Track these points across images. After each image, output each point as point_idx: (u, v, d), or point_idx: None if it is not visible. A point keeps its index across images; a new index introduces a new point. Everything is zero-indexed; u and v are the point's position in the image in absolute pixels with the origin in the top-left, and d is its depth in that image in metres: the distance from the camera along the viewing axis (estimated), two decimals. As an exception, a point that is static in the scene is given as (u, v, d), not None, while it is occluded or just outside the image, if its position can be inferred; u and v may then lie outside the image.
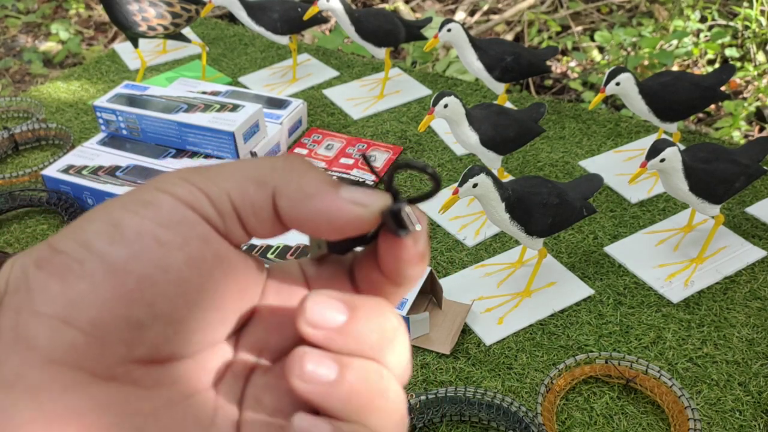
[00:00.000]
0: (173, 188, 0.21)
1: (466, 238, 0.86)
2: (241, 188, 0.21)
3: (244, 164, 0.22)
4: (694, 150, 0.75)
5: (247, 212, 0.21)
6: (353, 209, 0.21)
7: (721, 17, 2.02)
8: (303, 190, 0.21)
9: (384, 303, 0.22)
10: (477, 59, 0.95)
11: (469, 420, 0.65)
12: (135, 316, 0.20)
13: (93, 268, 0.19)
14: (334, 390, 0.20)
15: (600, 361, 0.68)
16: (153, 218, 0.20)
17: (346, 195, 0.21)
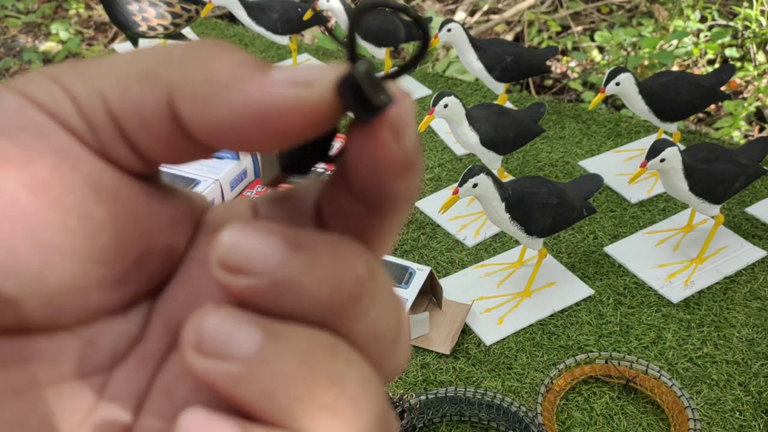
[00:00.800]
0: (26, 85, 0.14)
1: (466, 238, 0.86)
2: (121, 87, 0.14)
3: (132, 55, 0.15)
4: (694, 150, 0.75)
5: (132, 122, 0.14)
6: (291, 93, 0.14)
7: (721, 17, 2.02)
8: (214, 81, 0.14)
9: (347, 242, 0.14)
10: (477, 59, 0.95)
11: (469, 420, 0.65)
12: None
13: None
14: (253, 372, 0.13)
15: (600, 361, 0.68)
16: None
17: (281, 75, 0.14)
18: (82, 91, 0.14)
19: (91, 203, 0.14)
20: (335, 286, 0.14)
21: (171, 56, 0.14)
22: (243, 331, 0.13)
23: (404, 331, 0.15)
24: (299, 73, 0.14)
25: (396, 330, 0.15)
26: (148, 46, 0.15)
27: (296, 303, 0.13)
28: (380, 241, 0.16)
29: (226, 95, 0.14)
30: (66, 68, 0.15)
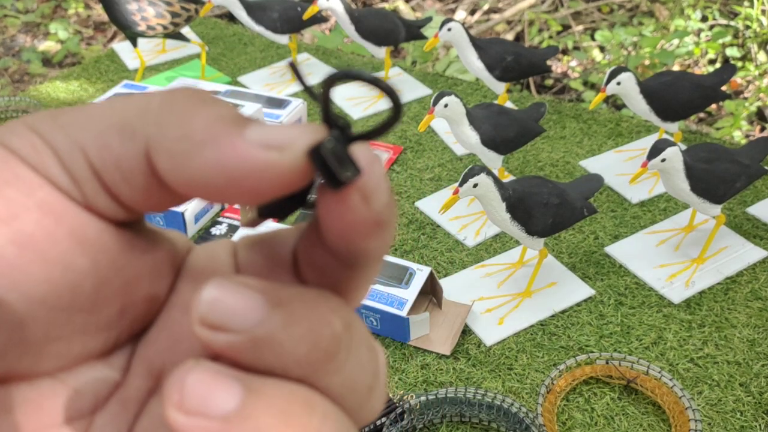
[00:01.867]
0: (10, 138, 0.14)
1: (466, 239, 0.85)
2: (101, 141, 0.15)
3: (110, 105, 0.15)
4: (695, 150, 0.75)
5: (113, 175, 0.15)
6: (264, 156, 0.14)
7: (722, 17, 2.02)
8: (189, 138, 0.14)
9: (325, 298, 0.15)
10: (477, 59, 0.95)
11: (469, 421, 0.65)
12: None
13: None
14: (233, 430, 0.13)
15: (601, 362, 0.67)
16: None
17: (254, 135, 0.14)
18: (63, 145, 0.15)
19: (75, 255, 0.14)
20: (313, 344, 0.14)
21: (149, 108, 0.15)
22: (223, 389, 0.13)
23: (380, 379, 0.16)
24: (273, 134, 0.14)
25: (372, 379, 0.15)
26: (126, 95, 0.16)
27: (275, 359, 0.14)
28: (354, 292, 0.16)
29: (200, 154, 0.14)
30: (47, 120, 0.15)
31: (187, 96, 0.15)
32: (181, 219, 0.85)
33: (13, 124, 0.15)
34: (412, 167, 0.99)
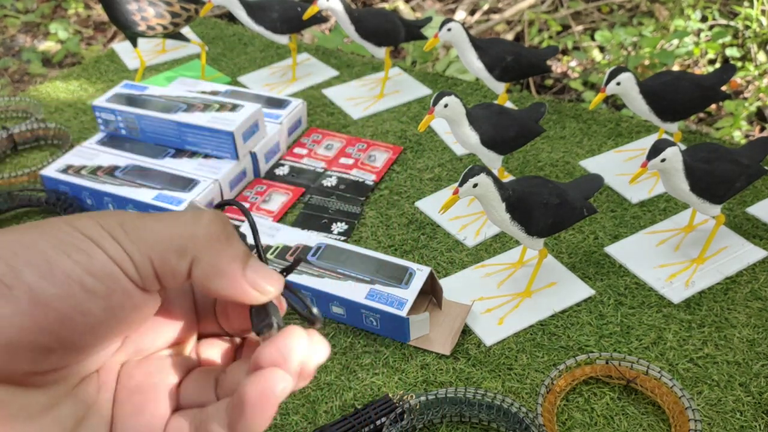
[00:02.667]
0: (104, 243, 0.24)
1: (466, 239, 0.85)
2: (163, 257, 0.25)
3: (169, 228, 0.25)
4: (695, 150, 0.75)
5: (167, 277, 0.25)
6: (252, 295, 0.26)
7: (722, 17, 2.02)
8: (217, 267, 0.25)
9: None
10: (477, 59, 0.95)
11: (469, 421, 0.65)
12: (46, 344, 0.23)
13: (20, 295, 0.22)
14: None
15: (600, 362, 0.67)
16: (84, 266, 0.23)
17: (250, 276, 0.26)
18: (138, 258, 0.24)
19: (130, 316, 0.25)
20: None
21: (196, 237, 0.25)
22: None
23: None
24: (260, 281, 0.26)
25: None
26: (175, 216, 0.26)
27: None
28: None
29: (220, 280, 0.25)
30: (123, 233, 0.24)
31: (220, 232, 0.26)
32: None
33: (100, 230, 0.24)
34: (412, 167, 0.99)
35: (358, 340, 0.74)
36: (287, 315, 0.27)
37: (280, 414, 0.67)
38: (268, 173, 0.99)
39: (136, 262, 0.24)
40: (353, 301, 0.72)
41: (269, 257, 0.77)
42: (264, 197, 0.93)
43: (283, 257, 0.77)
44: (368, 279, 0.74)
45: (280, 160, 1.01)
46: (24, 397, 0.23)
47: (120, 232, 0.24)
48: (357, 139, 1.04)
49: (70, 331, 0.23)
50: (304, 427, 0.65)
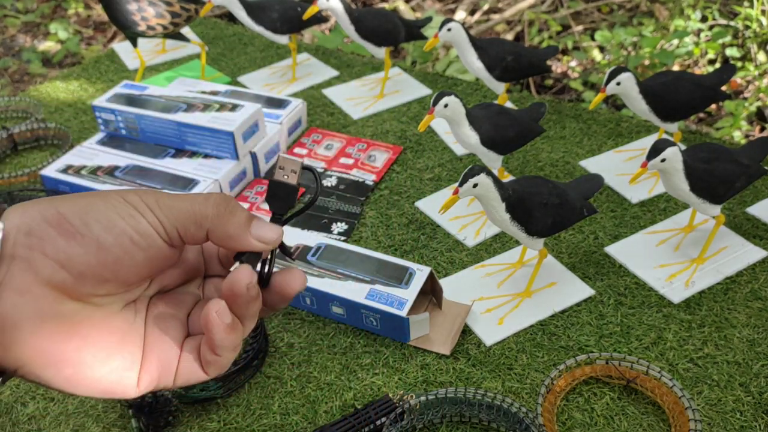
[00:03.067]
0: (146, 213, 0.34)
1: (466, 239, 0.85)
2: (185, 227, 0.35)
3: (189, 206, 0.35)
4: (695, 150, 0.75)
5: (188, 240, 0.36)
6: (259, 246, 0.36)
7: (722, 17, 2.02)
8: (226, 233, 0.35)
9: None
10: (477, 59, 0.95)
11: (469, 421, 0.65)
12: (104, 276, 0.33)
13: (89, 242, 0.33)
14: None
15: (600, 362, 0.67)
16: (133, 226, 0.34)
17: (254, 234, 0.36)
18: (168, 225, 0.35)
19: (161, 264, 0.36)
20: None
21: (207, 214, 0.35)
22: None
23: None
24: (263, 232, 0.36)
25: None
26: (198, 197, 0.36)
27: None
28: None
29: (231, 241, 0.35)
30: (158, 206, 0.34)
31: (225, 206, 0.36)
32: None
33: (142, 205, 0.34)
34: (412, 167, 0.99)
35: (358, 340, 0.74)
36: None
37: (280, 414, 0.67)
38: (268, 173, 0.99)
39: (167, 228, 0.34)
40: (353, 301, 0.72)
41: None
42: (264, 197, 0.93)
43: (283, 257, 0.77)
44: (368, 279, 0.74)
45: (280, 160, 1.01)
46: (88, 310, 0.34)
47: (156, 206, 0.34)
48: (357, 139, 1.04)
49: (120, 269, 0.33)
50: (304, 427, 0.65)
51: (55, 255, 0.32)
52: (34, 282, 0.31)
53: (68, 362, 0.33)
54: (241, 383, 0.69)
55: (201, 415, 0.67)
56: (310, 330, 0.75)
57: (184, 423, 0.67)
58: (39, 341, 0.32)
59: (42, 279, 0.32)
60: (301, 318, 0.76)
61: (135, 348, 0.35)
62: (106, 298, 0.34)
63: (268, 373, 0.71)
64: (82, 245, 0.32)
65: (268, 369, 0.71)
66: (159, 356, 0.36)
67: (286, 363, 0.72)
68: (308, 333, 0.75)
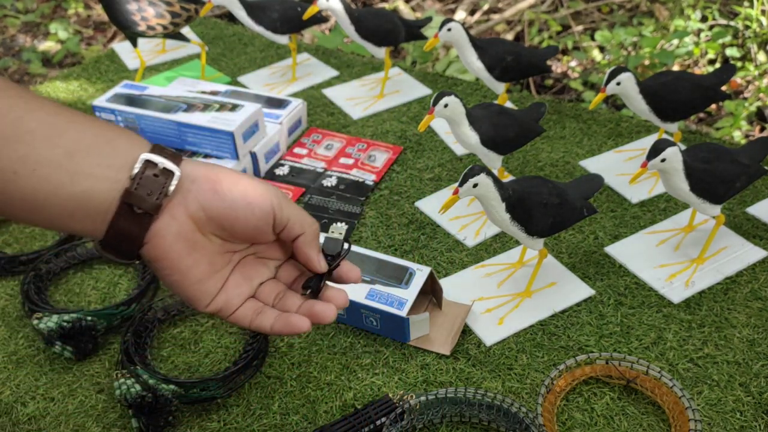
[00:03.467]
0: (273, 199, 0.47)
1: (466, 239, 0.85)
2: (292, 223, 0.48)
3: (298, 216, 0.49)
4: (695, 150, 0.75)
5: (283, 234, 0.49)
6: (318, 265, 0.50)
7: (722, 17, 2.02)
8: (309, 243, 0.50)
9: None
10: (477, 59, 0.95)
11: (469, 421, 0.65)
12: (224, 225, 0.46)
13: (227, 202, 0.46)
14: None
15: (600, 362, 0.67)
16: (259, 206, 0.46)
17: (320, 256, 0.50)
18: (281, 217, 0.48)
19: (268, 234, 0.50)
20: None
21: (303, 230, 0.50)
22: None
23: None
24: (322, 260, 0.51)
25: None
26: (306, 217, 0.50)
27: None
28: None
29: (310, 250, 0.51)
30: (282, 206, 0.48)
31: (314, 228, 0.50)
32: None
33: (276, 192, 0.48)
34: (412, 167, 0.99)
35: (358, 340, 0.74)
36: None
37: (280, 414, 0.67)
38: (268, 173, 0.99)
39: (278, 219, 0.47)
40: (353, 301, 0.72)
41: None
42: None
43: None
44: (368, 279, 0.73)
45: (280, 160, 1.01)
46: (206, 242, 0.47)
47: (283, 200, 0.48)
48: (357, 139, 1.04)
49: (235, 226, 0.46)
50: (304, 427, 0.65)
51: (203, 200, 0.45)
52: (183, 213, 0.45)
53: (180, 272, 0.46)
54: (241, 383, 0.69)
55: (201, 415, 0.67)
56: (310, 330, 0.75)
57: (184, 423, 0.67)
58: (171, 251, 0.45)
59: (188, 212, 0.45)
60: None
61: (219, 281, 0.48)
62: (219, 240, 0.47)
63: (268, 373, 0.71)
64: (222, 201, 0.45)
65: (268, 369, 0.71)
66: (228, 295, 0.48)
67: (286, 363, 0.72)
68: (308, 333, 0.75)
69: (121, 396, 0.64)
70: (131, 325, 0.73)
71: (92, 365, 0.73)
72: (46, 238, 0.90)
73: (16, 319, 0.78)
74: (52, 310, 0.75)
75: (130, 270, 0.84)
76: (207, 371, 0.71)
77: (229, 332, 0.76)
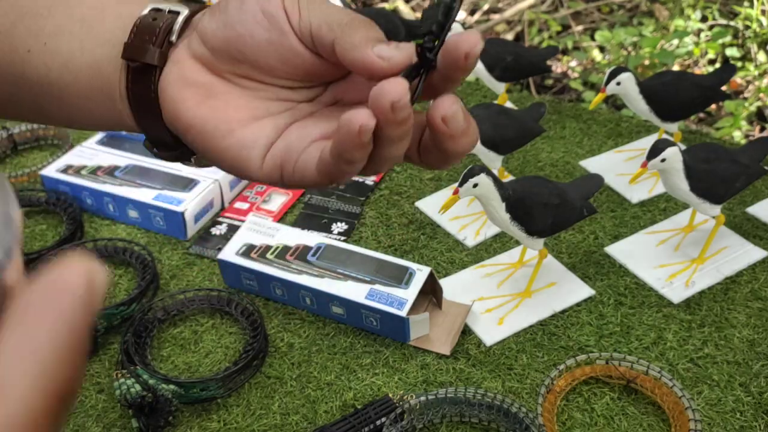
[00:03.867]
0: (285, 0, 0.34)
1: (466, 239, 0.85)
2: (319, 26, 0.33)
3: (331, 9, 0.34)
4: (695, 150, 0.75)
5: (318, 44, 0.34)
6: (378, 62, 0.32)
7: (722, 17, 2.02)
8: (351, 43, 0.32)
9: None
10: (477, 59, 0.94)
11: (469, 421, 0.65)
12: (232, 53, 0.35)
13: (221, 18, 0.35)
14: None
15: (600, 362, 0.67)
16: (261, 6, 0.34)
17: (376, 50, 0.32)
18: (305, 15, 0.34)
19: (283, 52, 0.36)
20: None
21: (341, 23, 0.33)
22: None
23: None
24: (386, 51, 0.32)
25: None
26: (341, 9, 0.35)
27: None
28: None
29: (352, 53, 0.32)
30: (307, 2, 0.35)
31: (359, 22, 0.33)
32: (181, 219, 0.85)
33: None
34: (412, 167, 0.99)
35: (358, 340, 0.74)
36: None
37: (280, 414, 0.67)
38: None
39: (302, 17, 0.34)
40: (353, 301, 0.72)
41: (270, 257, 0.77)
42: (264, 197, 0.93)
43: (283, 257, 0.77)
44: (368, 279, 0.74)
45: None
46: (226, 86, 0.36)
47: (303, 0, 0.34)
48: (357, 139, 1.04)
49: (244, 48, 0.35)
50: (304, 427, 0.65)
51: (201, 31, 0.36)
52: (186, 54, 0.36)
53: (195, 126, 0.36)
54: (241, 383, 0.69)
55: (201, 415, 0.67)
56: (310, 330, 0.75)
57: (184, 423, 0.67)
58: (179, 102, 0.36)
59: (190, 52, 0.36)
60: (301, 318, 0.76)
61: (264, 132, 0.35)
62: (250, 82, 0.36)
63: (268, 373, 0.71)
64: (217, 21, 0.35)
65: (268, 369, 0.71)
66: (288, 145, 0.35)
67: (286, 363, 0.72)
68: (308, 333, 0.75)
69: (121, 396, 0.64)
70: (131, 325, 0.73)
71: (92, 365, 0.73)
72: (47, 238, 0.90)
73: (16, 319, 0.78)
74: (52, 310, 0.75)
75: (130, 270, 0.84)
76: (207, 371, 0.71)
77: (229, 332, 0.76)
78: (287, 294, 0.76)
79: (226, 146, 0.35)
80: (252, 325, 0.74)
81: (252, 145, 0.35)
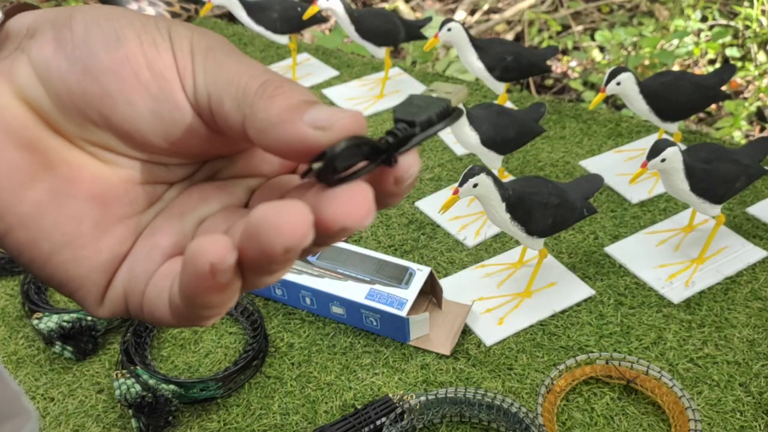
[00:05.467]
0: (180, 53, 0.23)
1: (466, 239, 0.85)
2: (218, 100, 0.23)
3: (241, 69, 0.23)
4: (695, 150, 0.75)
5: (219, 117, 0.23)
6: (312, 136, 0.21)
7: (722, 17, 2.02)
8: (268, 120, 0.22)
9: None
10: (477, 59, 0.95)
11: (469, 421, 0.65)
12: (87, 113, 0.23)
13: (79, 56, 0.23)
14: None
15: (600, 362, 0.67)
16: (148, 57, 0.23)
17: (308, 118, 0.22)
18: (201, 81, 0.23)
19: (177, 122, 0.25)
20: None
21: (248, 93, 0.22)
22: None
23: None
24: (323, 116, 0.22)
25: None
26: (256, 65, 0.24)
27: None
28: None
29: (274, 132, 0.22)
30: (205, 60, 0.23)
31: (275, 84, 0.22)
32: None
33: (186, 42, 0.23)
34: (412, 167, 0.99)
35: (358, 340, 0.74)
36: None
37: (280, 414, 0.67)
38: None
39: (197, 85, 0.23)
40: (353, 301, 0.72)
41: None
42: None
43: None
44: (368, 279, 0.74)
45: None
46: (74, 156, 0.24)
47: (202, 52, 0.23)
48: (357, 139, 1.04)
49: (112, 111, 0.23)
50: (304, 427, 0.65)
51: (37, 62, 0.23)
52: (9, 91, 0.23)
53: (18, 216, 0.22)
54: (241, 383, 0.69)
55: (201, 415, 0.67)
56: (310, 330, 0.75)
57: (184, 423, 0.67)
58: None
59: (16, 88, 0.23)
60: (301, 318, 0.76)
61: (112, 248, 0.24)
62: (109, 153, 0.24)
63: (268, 373, 0.71)
64: (70, 59, 0.23)
65: (268, 369, 0.71)
66: (132, 268, 0.24)
67: (286, 363, 0.72)
68: (308, 333, 0.75)
69: (121, 396, 0.64)
70: (131, 325, 0.73)
71: (92, 365, 0.73)
72: None
73: (16, 319, 0.78)
74: (52, 310, 0.75)
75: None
76: (207, 371, 0.71)
77: (229, 332, 0.76)
78: (287, 294, 0.76)
79: (54, 265, 0.23)
80: (252, 325, 0.74)
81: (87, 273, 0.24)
